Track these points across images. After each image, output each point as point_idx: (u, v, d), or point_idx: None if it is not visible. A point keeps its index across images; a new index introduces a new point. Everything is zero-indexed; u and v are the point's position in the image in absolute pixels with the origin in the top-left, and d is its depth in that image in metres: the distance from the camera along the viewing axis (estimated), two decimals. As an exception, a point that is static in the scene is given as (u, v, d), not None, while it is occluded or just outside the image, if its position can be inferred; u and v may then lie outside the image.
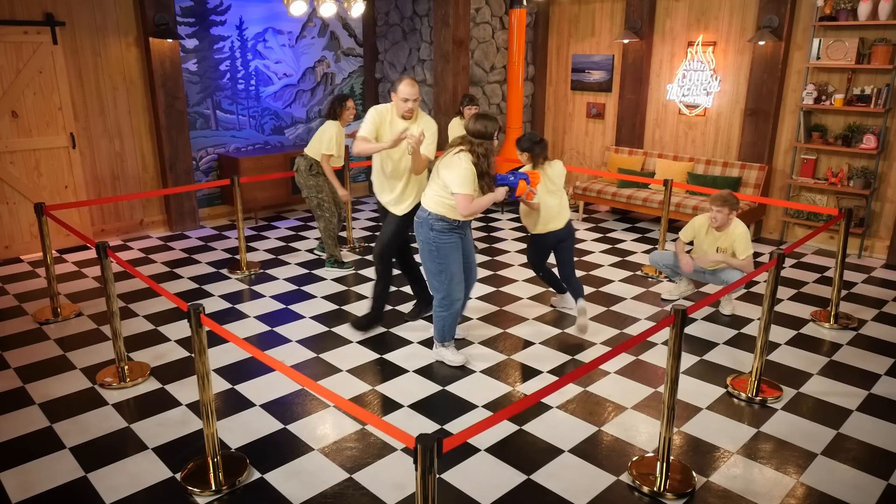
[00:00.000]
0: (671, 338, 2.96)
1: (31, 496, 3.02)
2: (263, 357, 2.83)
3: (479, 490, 3.07)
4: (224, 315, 5.05)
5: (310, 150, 5.78)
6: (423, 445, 2.06)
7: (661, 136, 7.98)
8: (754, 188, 7.03)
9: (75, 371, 4.17)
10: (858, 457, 3.34)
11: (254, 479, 3.16)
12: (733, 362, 4.33)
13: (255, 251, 6.66)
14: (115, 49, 6.69)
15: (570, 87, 8.71)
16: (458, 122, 6.31)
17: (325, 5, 6.53)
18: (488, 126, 3.84)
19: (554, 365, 4.30)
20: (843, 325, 4.88)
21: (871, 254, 6.55)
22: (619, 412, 3.74)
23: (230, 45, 7.57)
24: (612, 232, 7.44)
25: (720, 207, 4.82)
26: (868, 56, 6.17)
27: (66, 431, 3.51)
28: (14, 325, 4.85)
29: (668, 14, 7.61)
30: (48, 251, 4.87)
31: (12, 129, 6.13)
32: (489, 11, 8.35)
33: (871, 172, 6.37)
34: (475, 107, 6.34)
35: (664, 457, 3.10)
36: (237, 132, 7.85)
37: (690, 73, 7.51)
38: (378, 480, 3.14)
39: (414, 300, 5.14)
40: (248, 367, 4.22)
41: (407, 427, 3.52)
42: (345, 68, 8.67)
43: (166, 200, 7.27)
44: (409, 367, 4.25)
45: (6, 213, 6.25)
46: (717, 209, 4.83)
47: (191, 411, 3.72)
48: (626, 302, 5.36)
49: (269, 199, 7.83)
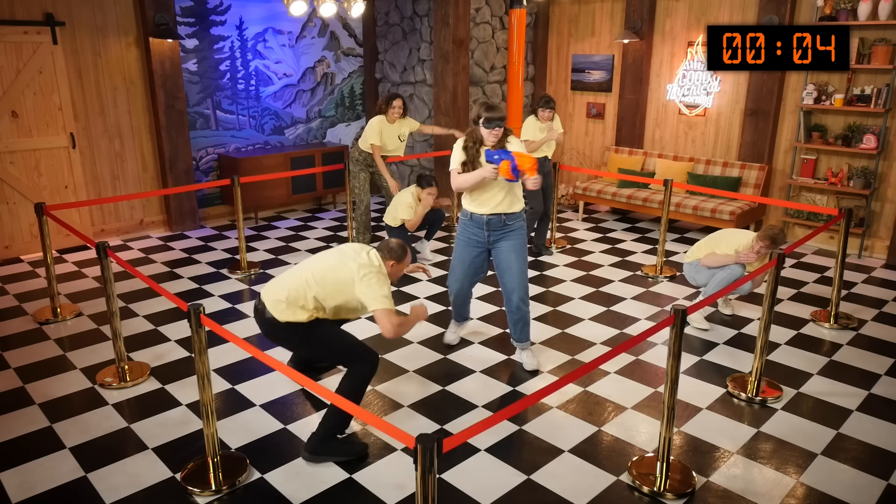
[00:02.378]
0: (671, 338, 2.96)
1: (31, 496, 3.02)
2: (263, 357, 2.83)
3: (479, 490, 3.07)
4: (224, 315, 5.05)
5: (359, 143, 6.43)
6: (423, 445, 2.06)
7: (661, 136, 7.98)
8: (754, 188, 7.03)
9: (75, 371, 4.17)
10: (858, 457, 3.34)
11: (254, 479, 3.16)
12: (733, 362, 4.33)
13: (255, 251, 6.66)
14: (115, 49, 6.69)
15: (570, 87, 8.71)
16: (532, 121, 6.20)
17: (325, 5, 6.54)
18: (478, 111, 3.88)
19: (554, 365, 4.30)
20: (843, 325, 4.88)
21: (871, 254, 6.55)
22: (619, 412, 3.74)
23: (230, 45, 7.57)
24: (612, 232, 7.44)
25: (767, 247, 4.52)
26: (868, 56, 6.17)
27: (66, 431, 3.51)
28: (14, 325, 4.85)
29: (668, 14, 7.61)
30: (48, 251, 4.87)
31: (12, 129, 6.13)
32: (489, 11, 8.35)
33: (871, 172, 6.37)
34: (550, 110, 6.13)
35: (664, 457, 3.10)
36: (237, 132, 7.85)
37: (690, 73, 7.51)
38: (378, 480, 3.14)
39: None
40: (248, 367, 4.22)
41: (407, 427, 3.51)
42: (345, 68, 8.67)
43: (166, 200, 7.27)
44: (409, 367, 4.25)
45: (6, 213, 6.25)
46: (762, 244, 4.53)
47: (191, 411, 3.72)
48: (626, 302, 5.36)
49: (269, 199, 7.83)
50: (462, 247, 4.17)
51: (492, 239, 4.08)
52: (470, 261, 4.17)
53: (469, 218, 4.10)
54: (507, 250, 4.07)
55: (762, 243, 4.53)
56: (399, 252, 3.37)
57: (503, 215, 4.01)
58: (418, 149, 8.63)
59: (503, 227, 4.05)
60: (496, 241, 4.09)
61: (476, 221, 4.06)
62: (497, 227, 4.04)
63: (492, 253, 4.16)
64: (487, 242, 4.10)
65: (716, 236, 4.91)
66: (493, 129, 3.87)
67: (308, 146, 8.31)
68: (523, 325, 4.19)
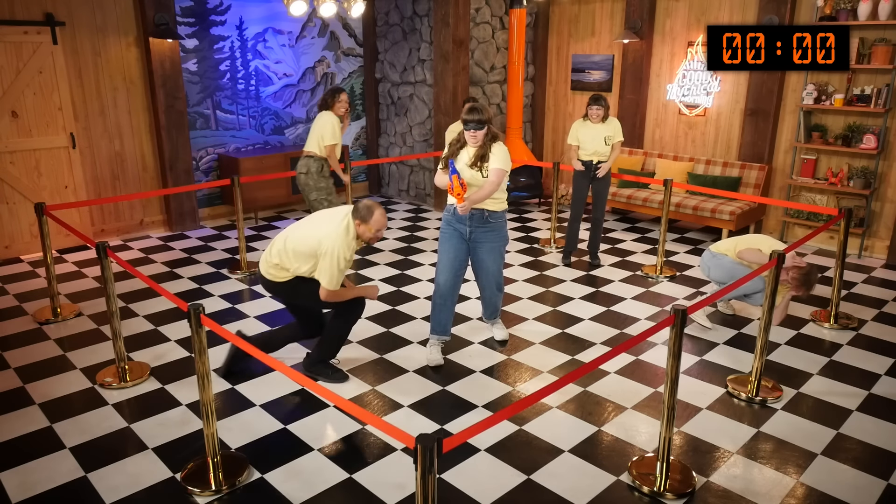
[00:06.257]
0: (671, 338, 2.96)
1: (31, 496, 3.02)
2: (263, 357, 2.83)
3: (479, 490, 3.07)
4: (224, 315, 5.05)
5: (313, 147, 5.72)
6: (423, 445, 2.06)
7: (661, 135, 7.98)
8: (754, 188, 7.03)
9: (75, 371, 4.17)
10: (858, 457, 3.34)
11: (254, 479, 3.16)
12: (733, 362, 4.33)
13: (255, 251, 6.66)
14: (115, 49, 6.69)
15: (570, 87, 8.71)
16: (580, 123, 5.95)
17: (325, 5, 6.54)
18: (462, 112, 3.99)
19: (554, 365, 4.30)
20: (843, 325, 4.88)
21: (871, 254, 6.55)
22: (619, 412, 3.74)
23: (230, 45, 7.57)
24: (611, 232, 7.44)
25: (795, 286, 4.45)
26: (868, 56, 6.17)
27: (66, 431, 3.51)
28: (14, 325, 4.85)
29: (668, 14, 7.61)
30: (48, 251, 4.87)
31: (12, 129, 6.13)
32: (489, 11, 8.35)
33: (871, 172, 6.37)
34: (599, 107, 5.73)
35: (664, 457, 3.10)
36: (237, 132, 7.85)
37: (690, 73, 7.51)
38: (378, 480, 3.14)
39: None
40: (248, 367, 4.21)
41: (407, 427, 3.51)
42: (345, 68, 8.67)
43: (166, 200, 7.27)
44: (409, 367, 4.25)
45: (6, 213, 6.25)
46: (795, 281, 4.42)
47: (191, 411, 3.72)
48: (626, 302, 5.36)
49: (269, 199, 7.83)
50: (446, 240, 4.20)
51: (473, 235, 4.13)
52: (454, 254, 4.18)
53: (452, 213, 4.15)
54: (485, 251, 4.20)
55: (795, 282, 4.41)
56: (363, 213, 3.64)
57: (486, 212, 4.08)
58: (418, 149, 8.63)
59: (485, 224, 4.12)
60: (477, 237, 4.14)
61: (458, 216, 4.11)
62: (479, 224, 4.11)
63: (470, 249, 4.21)
64: (467, 235, 4.15)
65: (756, 238, 4.77)
66: (468, 131, 3.94)
67: (308, 146, 8.30)
68: (494, 308, 4.57)
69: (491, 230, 4.15)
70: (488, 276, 4.32)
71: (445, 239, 4.20)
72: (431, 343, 4.35)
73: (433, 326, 4.32)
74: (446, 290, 4.22)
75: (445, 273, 4.20)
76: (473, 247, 4.20)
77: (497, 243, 4.22)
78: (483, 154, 3.96)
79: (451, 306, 4.30)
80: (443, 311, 4.27)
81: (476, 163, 3.97)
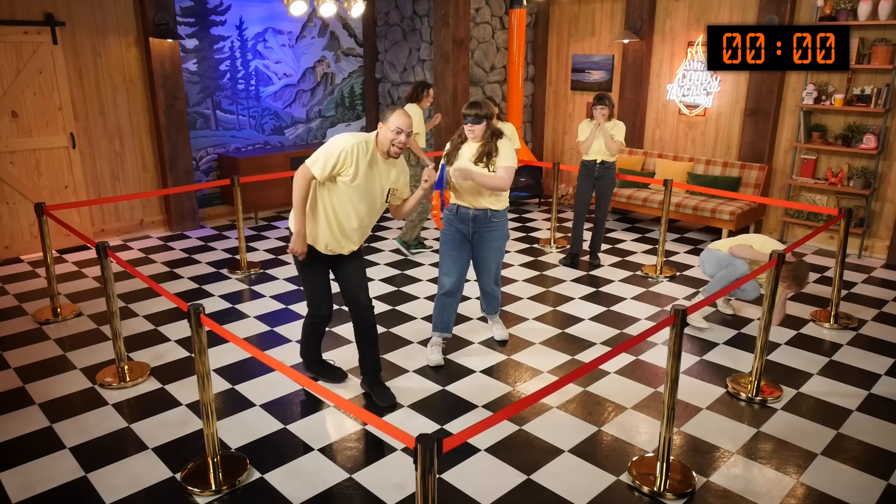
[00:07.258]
0: (671, 338, 2.96)
1: (31, 496, 3.02)
2: (263, 357, 2.83)
3: (479, 490, 3.07)
4: (224, 315, 5.05)
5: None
6: (423, 445, 2.06)
7: (661, 135, 7.98)
8: (754, 188, 7.03)
9: (75, 371, 4.17)
10: (858, 457, 3.34)
11: (254, 479, 3.16)
12: (733, 362, 4.33)
13: (255, 251, 6.66)
14: (115, 49, 6.69)
15: (570, 87, 8.71)
16: (586, 123, 5.95)
17: (325, 5, 6.54)
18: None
19: (554, 365, 4.30)
20: (843, 325, 4.88)
21: (871, 254, 6.55)
22: (619, 412, 3.74)
23: (230, 45, 7.57)
24: (611, 232, 7.43)
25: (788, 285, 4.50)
26: (868, 56, 6.17)
27: (66, 431, 3.51)
28: (14, 325, 4.84)
29: (668, 14, 7.61)
30: (48, 251, 4.87)
31: (12, 129, 6.13)
32: (489, 11, 8.35)
33: (871, 172, 6.37)
34: (603, 106, 5.71)
35: (664, 457, 3.10)
36: (237, 132, 7.85)
37: (690, 73, 7.51)
38: (378, 480, 3.14)
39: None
40: (248, 367, 4.21)
41: (407, 427, 3.51)
42: (345, 68, 8.67)
43: (166, 200, 7.27)
44: (409, 367, 4.25)
45: (6, 213, 6.25)
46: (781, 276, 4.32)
47: (191, 411, 3.72)
48: (626, 302, 5.36)
49: (268, 199, 7.83)
50: (449, 241, 4.18)
51: (475, 234, 4.13)
52: (459, 254, 4.18)
53: (454, 213, 4.12)
54: (488, 250, 4.20)
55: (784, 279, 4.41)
56: (385, 113, 3.43)
57: (489, 211, 4.07)
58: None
59: (488, 223, 4.11)
60: (480, 236, 4.14)
61: (461, 216, 4.10)
62: (483, 223, 4.10)
63: (473, 247, 4.20)
64: (470, 235, 4.14)
65: (756, 237, 4.81)
66: (466, 125, 3.94)
67: (308, 146, 8.30)
68: (495, 301, 4.55)
69: (493, 229, 4.14)
70: (489, 273, 4.33)
71: (448, 240, 4.18)
72: (432, 342, 4.35)
73: (436, 324, 4.32)
74: (453, 291, 4.23)
75: (451, 275, 4.20)
76: (476, 245, 4.20)
77: (499, 242, 4.21)
78: (488, 151, 3.95)
79: (457, 305, 4.33)
80: (447, 310, 4.29)
81: (482, 159, 3.95)
